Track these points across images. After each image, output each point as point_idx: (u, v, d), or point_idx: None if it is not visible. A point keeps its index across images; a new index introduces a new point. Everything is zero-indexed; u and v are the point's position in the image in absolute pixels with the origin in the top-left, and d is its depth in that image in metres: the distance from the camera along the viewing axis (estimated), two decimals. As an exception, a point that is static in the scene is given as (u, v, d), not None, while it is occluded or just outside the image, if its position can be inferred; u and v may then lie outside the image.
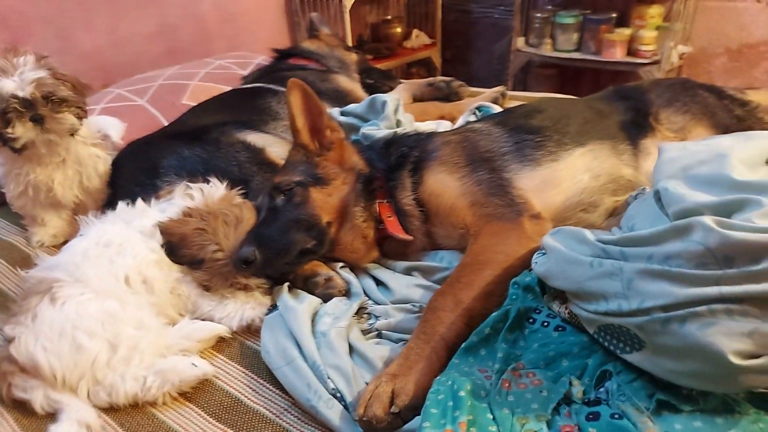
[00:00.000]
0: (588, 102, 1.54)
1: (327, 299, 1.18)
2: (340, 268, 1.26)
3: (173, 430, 0.95)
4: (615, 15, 3.07)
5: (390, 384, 0.88)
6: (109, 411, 0.99)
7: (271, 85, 1.91)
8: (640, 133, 1.40)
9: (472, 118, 1.85)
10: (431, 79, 2.31)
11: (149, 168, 1.47)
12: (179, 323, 1.14)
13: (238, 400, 1.00)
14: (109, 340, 1.00)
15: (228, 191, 1.30)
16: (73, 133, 1.39)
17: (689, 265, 0.66)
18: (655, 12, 2.96)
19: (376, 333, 1.11)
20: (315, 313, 1.13)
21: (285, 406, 0.98)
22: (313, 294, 1.19)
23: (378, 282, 1.25)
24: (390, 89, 2.25)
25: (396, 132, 1.56)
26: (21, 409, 1.00)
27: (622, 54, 3.01)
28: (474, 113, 1.90)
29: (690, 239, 0.67)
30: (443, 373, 0.86)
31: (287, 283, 1.22)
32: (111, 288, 1.08)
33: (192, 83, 2.11)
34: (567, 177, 1.27)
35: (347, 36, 3.06)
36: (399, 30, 3.82)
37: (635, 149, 1.37)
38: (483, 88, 2.28)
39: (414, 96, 2.25)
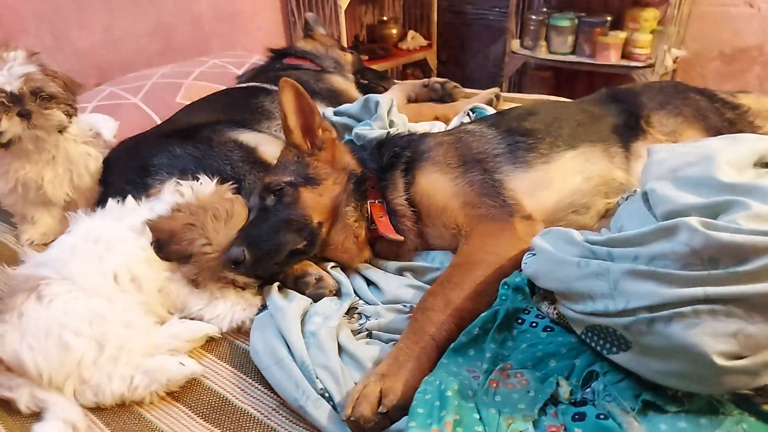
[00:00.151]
0: (580, 105, 1.54)
1: (317, 299, 1.17)
2: (330, 267, 1.26)
3: (160, 429, 0.94)
4: (610, 18, 3.08)
5: (378, 384, 0.88)
6: (96, 410, 0.98)
7: (265, 85, 1.91)
8: (632, 136, 1.40)
9: (466, 119, 1.85)
10: (426, 81, 2.31)
11: (141, 166, 1.46)
12: (168, 322, 1.14)
13: (226, 399, 1.00)
14: (97, 339, 0.99)
15: (219, 186, 1.29)
16: (62, 130, 1.38)
17: (675, 266, 0.66)
18: (650, 15, 2.97)
19: (366, 333, 1.11)
20: (305, 313, 1.12)
21: (273, 406, 0.97)
22: (304, 294, 1.19)
23: (369, 282, 1.25)
24: (384, 90, 2.25)
25: (389, 132, 1.56)
26: (5, 408, 0.99)
27: (616, 57, 3.02)
28: (468, 114, 1.90)
29: (676, 240, 0.67)
30: (431, 373, 0.86)
31: (277, 283, 1.21)
32: (99, 286, 1.07)
33: (186, 82, 2.10)
34: (559, 179, 1.28)
35: (342, 36, 3.06)
36: (395, 31, 3.83)
37: (627, 152, 1.37)
38: (478, 89, 2.29)
39: (408, 97, 2.25)
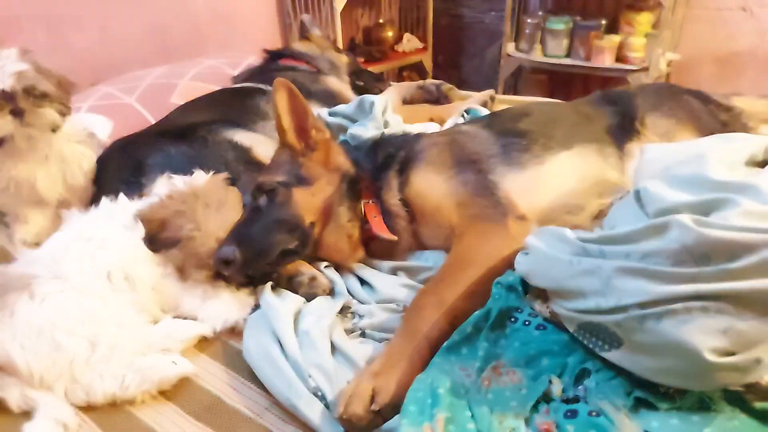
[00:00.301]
0: (575, 106, 1.55)
1: (310, 298, 1.17)
2: (324, 267, 1.25)
3: (151, 428, 0.94)
4: (604, 22, 3.10)
5: (371, 382, 0.88)
6: (87, 409, 0.98)
7: (261, 85, 1.91)
8: (626, 137, 1.41)
9: (460, 120, 1.85)
10: (421, 82, 2.32)
11: (135, 166, 1.46)
12: (161, 322, 1.13)
13: (218, 399, 0.99)
14: (89, 338, 0.98)
15: (213, 176, 1.29)
16: (55, 129, 1.37)
17: (666, 263, 0.67)
18: (644, 19, 2.99)
19: (359, 332, 1.11)
20: (298, 312, 1.12)
21: (266, 405, 0.97)
22: (297, 293, 1.19)
23: (363, 282, 1.25)
24: (380, 91, 2.25)
25: (383, 133, 1.56)
26: (-5, 407, 0.98)
27: (611, 60, 3.04)
28: (462, 116, 1.90)
29: (667, 237, 0.67)
30: (424, 372, 0.86)
31: (270, 283, 1.21)
32: (92, 284, 1.06)
33: (181, 82, 2.10)
34: (553, 179, 1.28)
35: (338, 39, 3.06)
36: (391, 34, 3.83)
37: (621, 153, 1.38)
38: (474, 92, 2.29)
39: (404, 98, 2.25)
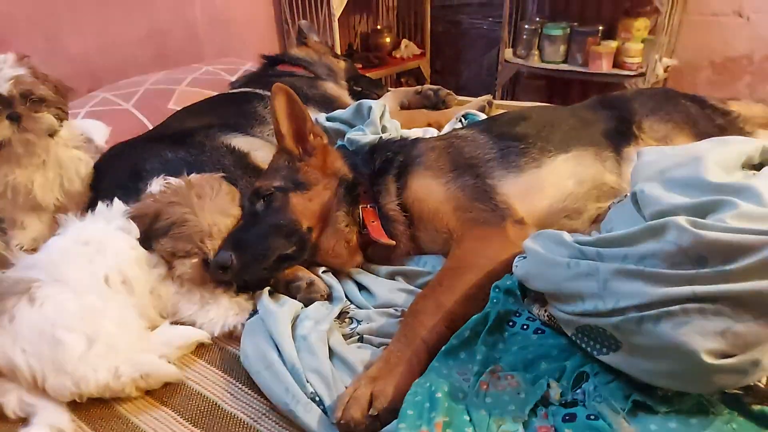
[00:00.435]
0: (573, 110, 1.55)
1: (308, 303, 1.17)
2: (322, 272, 1.25)
3: (148, 434, 0.93)
4: (602, 28, 3.11)
5: (369, 387, 0.88)
6: (82, 415, 0.97)
7: (258, 90, 1.91)
8: (623, 141, 1.41)
9: (458, 125, 1.86)
10: (419, 88, 2.33)
11: (132, 171, 1.46)
12: (159, 328, 1.13)
13: (215, 404, 0.99)
14: (87, 334, 0.98)
15: (210, 174, 1.29)
16: (52, 134, 1.37)
17: (663, 265, 0.67)
18: (641, 25, 3.00)
19: (357, 337, 1.11)
20: (296, 317, 1.12)
21: (263, 410, 0.97)
22: (295, 298, 1.18)
23: (361, 287, 1.24)
24: (378, 97, 2.26)
25: (381, 137, 1.57)
26: (-9, 413, 0.97)
27: (608, 66, 3.05)
28: (460, 121, 1.91)
29: (664, 239, 0.67)
30: (422, 376, 0.85)
31: (268, 288, 1.20)
32: (90, 288, 1.06)
33: (179, 88, 2.10)
34: (551, 183, 1.28)
35: (336, 44, 3.07)
36: (388, 40, 3.85)
37: (619, 157, 1.38)
38: (471, 98, 2.30)
39: (402, 104, 2.26)
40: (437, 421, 0.72)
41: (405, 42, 3.89)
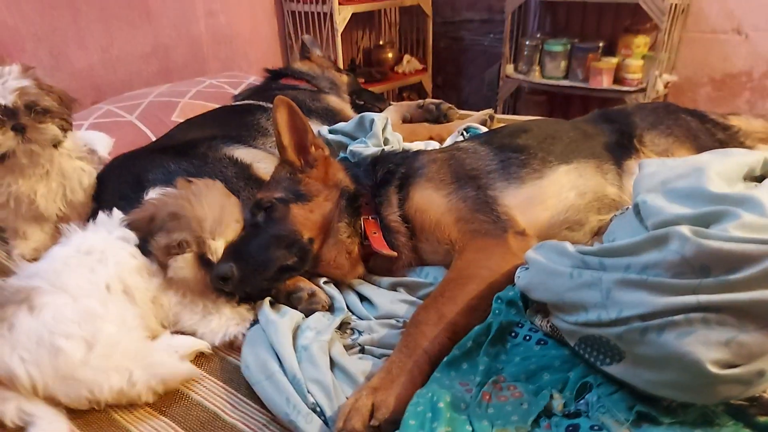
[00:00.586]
0: (574, 124, 1.56)
1: (310, 314, 1.16)
2: (323, 283, 1.25)
3: (147, 444, 0.93)
4: (602, 44, 3.14)
5: (370, 397, 0.87)
6: (82, 424, 0.96)
7: (261, 102, 1.92)
8: (624, 154, 1.42)
9: (459, 139, 1.87)
10: (421, 101, 2.35)
11: (135, 182, 1.46)
12: (160, 338, 1.12)
13: (215, 414, 0.98)
14: (85, 337, 0.97)
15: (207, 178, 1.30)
16: (56, 145, 1.38)
17: (667, 275, 0.66)
18: (641, 42, 3.03)
19: (358, 348, 1.10)
20: (297, 328, 1.11)
21: (264, 421, 0.96)
22: (296, 309, 1.18)
23: (362, 298, 1.24)
24: (380, 111, 2.27)
25: (383, 150, 1.57)
26: (-11, 423, 0.97)
27: (608, 82, 3.07)
28: (462, 134, 1.92)
29: (667, 249, 0.67)
30: (424, 386, 0.85)
31: (269, 298, 1.20)
32: (92, 295, 1.06)
33: (182, 101, 2.12)
34: (552, 194, 1.29)
35: (339, 59, 3.11)
36: (391, 55, 3.89)
37: (620, 169, 1.39)
38: (473, 112, 2.31)
39: (404, 117, 2.28)
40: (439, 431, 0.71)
41: (407, 57, 3.93)
